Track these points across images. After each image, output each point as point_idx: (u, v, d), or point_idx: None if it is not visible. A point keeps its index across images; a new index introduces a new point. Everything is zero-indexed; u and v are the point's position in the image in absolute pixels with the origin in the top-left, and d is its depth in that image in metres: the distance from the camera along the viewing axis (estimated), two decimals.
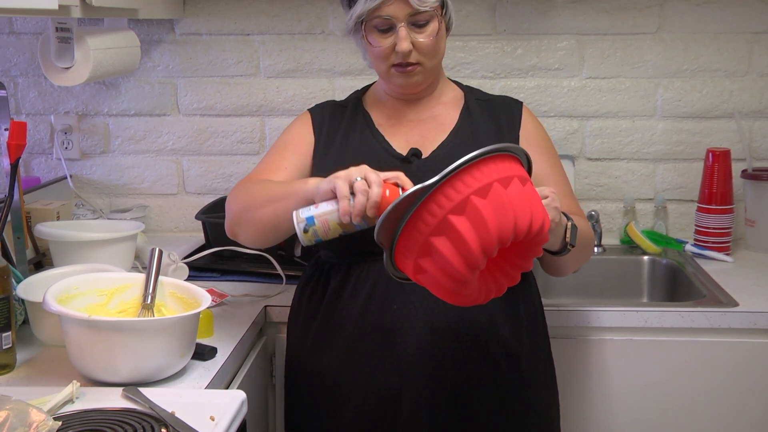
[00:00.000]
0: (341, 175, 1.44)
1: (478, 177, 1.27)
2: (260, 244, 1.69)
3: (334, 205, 1.43)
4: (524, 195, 1.30)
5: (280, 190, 1.59)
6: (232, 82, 2.50)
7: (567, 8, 2.40)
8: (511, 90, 2.43)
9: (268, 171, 1.73)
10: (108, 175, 2.57)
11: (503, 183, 1.28)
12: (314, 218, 1.43)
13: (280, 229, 1.58)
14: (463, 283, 1.30)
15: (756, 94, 2.40)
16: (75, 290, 1.56)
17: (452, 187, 1.26)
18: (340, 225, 1.43)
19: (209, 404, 1.36)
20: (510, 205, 1.27)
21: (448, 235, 1.26)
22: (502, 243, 1.28)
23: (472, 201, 1.25)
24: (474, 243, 1.25)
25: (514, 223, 1.27)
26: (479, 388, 1.63)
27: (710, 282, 2.09)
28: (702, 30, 2.39)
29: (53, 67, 2.00)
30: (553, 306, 1.90)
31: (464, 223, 1.25)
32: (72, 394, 1.35)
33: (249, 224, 1.63)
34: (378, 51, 1.64)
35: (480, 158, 1.27)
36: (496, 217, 1.25)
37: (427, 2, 1.60)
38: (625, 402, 1.94)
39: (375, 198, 1.39)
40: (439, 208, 1.26)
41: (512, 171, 1.31)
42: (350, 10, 1.65)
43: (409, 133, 1.73)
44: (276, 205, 1.56)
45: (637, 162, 2.46)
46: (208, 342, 1.65)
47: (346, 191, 1.41)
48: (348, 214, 1.40)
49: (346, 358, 1.65)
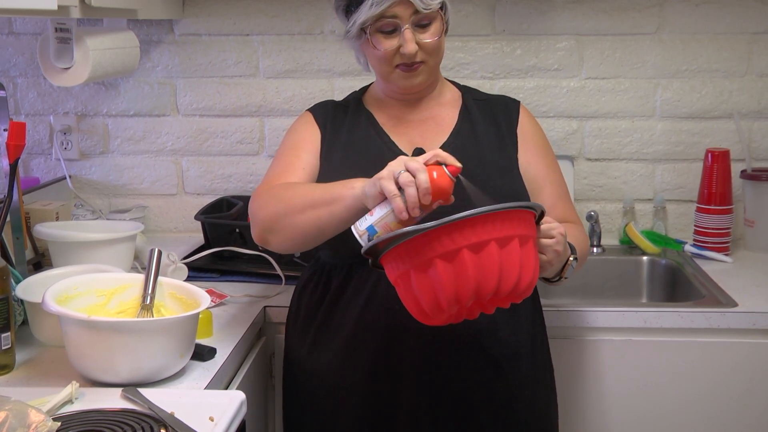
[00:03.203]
0: (384, 174, 1.40)
1: (478, 232, 1.27)
2: (296, 250, 1.67)
3: (388, 207, 1.40)
4: (517, 257, 1.30)
5: (320, 195, 1.54)
6: (232, 82, 2.50)
7: (566, 9, 2.40)
8: (511, 90, 2.43)
9: (286, 174, 1.69)
10: (107, 176, 2.57)
11: (500, 243, 1.28)
12: (374, 226, 1.42)
13: (324, 234, 1.55)
14: (431, 317, 1.34)
15: (755, 94, 2.40)
16: (74, 291, 1.56)
17: (449, 235, 1.27)
18: (400, 223, 1.40)
19: (208, 405, 1.35)
20: (498, 266, 1.28)
21: (429, 276, 1.29)
22: (480, 299, 1.31)
23: (462, 254, 1.27)
24: (450, 292, 1.28)
25: (497, 284, 1.29)
26: (479, 389, 1.63)
27: (709, 282, 2.09)
28: (701, 30, 2.39)
29: (52, 67, 2.00)
30: (552, 306, 1.90)
31: (449, 271, 1.28)
32: (71, 395, 1.35)
33: (285, 230, 1.58)
34: (382, 54, 1.63)
35: (489, 213, 1.27)
36: (480, 275, 1.27)
37: (431, 4, 1.60)
38: (625, 402, 1.94)
39: (425, 185, 1.36)
40: (431, 250, 1.28)
41: (515, 230, 1.31)
42: (352, 17, 1.63)
43: (411, 132, 1.73)
44: (319, 211, 1.52)
45: (637, 162, 2.46)
46: (207, 342, 1.65)
47: (394, 189, 1.38)
48: (404, 211, 1.37)
49: (345, 358, 1.65)
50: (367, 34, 1.63)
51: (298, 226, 1.55)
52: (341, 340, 1.66)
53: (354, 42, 1.69)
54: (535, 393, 1.70)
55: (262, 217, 1.61)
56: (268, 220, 1.59)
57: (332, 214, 1.49)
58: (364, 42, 1.66)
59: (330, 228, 1.51)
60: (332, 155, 1.71)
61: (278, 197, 1.60)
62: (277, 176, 1.68)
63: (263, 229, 1.61)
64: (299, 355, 1.74)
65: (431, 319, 1.35)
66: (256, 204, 1.64)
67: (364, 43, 1.66)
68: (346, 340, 1.65)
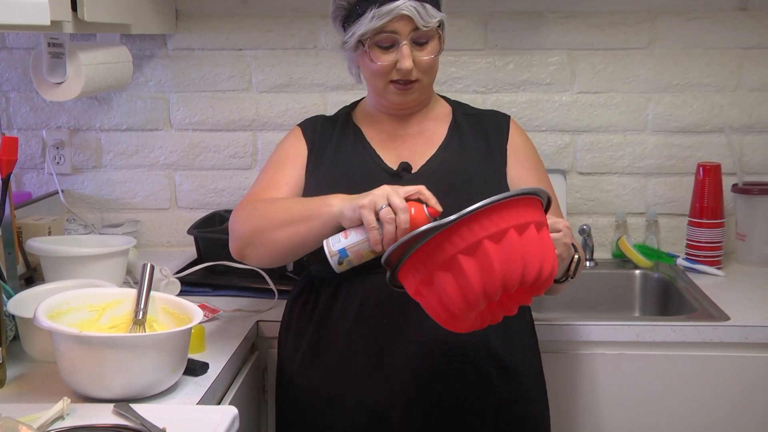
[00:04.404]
0: (366, 204, 1.43)
1: (495, 221, 1.26)
2: (273, 265, 1.68)
3: (363, 234, 1.44)
4: (537, 243, 1.29)
5: (299, 211, 1.56)
6: (225, 96, 2.50)
7: (558, 23, 2.41)
8: (503, 104, 2.44)
9: (269, 189, 1.71)
10: (100, 190, 2.57)
11: (519, 230, 1.28)
12: (346, 250, 1.45)
13: (301, 250, 1.58)
14: (459, 318, 1.32)
15: (746, 108, 2.42)
16: (66, 306, 1.56)
17: (468, 227, 1.26)
18: (372, 252, 1.45)
19: (201, 420, 1.35)
20: (521, 253, 1.27)
21: (453, 273, 1.27)
22: (507, 290, 1.29)
23: (484, 245, 1.26)
24: (477, 286, 1.26)
25: (522, 272, 1.27)
26: (471, 403, 1.62)
27: (702, 296, 2.09)
28: (692, 45, 2.40)
29: (45, 82, 2.00)
30: (545, 320, 1.90)
31: (472, 265, 1.26)
32: (62, 411, 1.35)
33: (264, 245, 1.60)
34: (378, 68, 1.64)
35: (502, 201, 1.27)
36: (504, 264, 1.26)
37: (430, 22, 1.61)
38: (617, 416, 1.94)
39: (404, 225, 1.40)
40: (452, 246, 1.26)
41: (530, 216, 1.30)
42: (350, 28, 1.64)
43: (400, 147, 1.74)
44: (297, 227, 1.55)
45: (629, 176, 2.47)
46: (199, 357, 1.65)
47: (373, 221, 1.42)
48: (379, 244, 1.42)
49: (336, 373, 1.65)
50: (365, 46, 1.63)
51: (275, 240, 1.58)
52: (332, 354, 1.66)
53: (350, 53, 1.70)
54: (528, 407, 1.70)
55: (242, 231, 1.63)
56: (247, 234, 1.62)
57: (310, 230, 1.52)
58: (360, 54, 1.67)
59: (307, 244, 1.53)
60: (318, 170, 1.72)
61: (257, 212, 1.63)
62: (259, 192, 1.71)
63: (242, 244, 1.63)
64: (291, 369, 1.73)
65: (459, 321, 1.32)
66: (236, 218, 1.67)
67: (361, 55, 1.66)
68: (337, 354, 1.65)
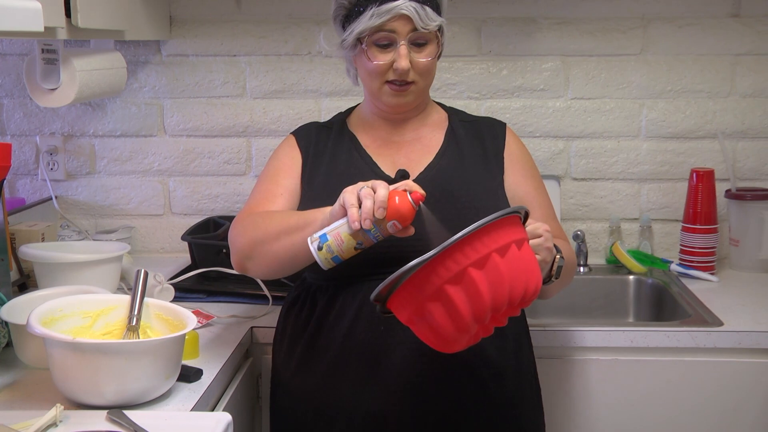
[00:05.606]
0: (348, 189, 1.45)
1: (477, 248, 1.28)
2: (273, 277, 1.68)
3: (344, 219, 1.44)
4: (520, 262, 1.31)
5: (295, 221, 1.57)
6: (219, 102, 2.50)
7: (552, 30, 2.42)
8: (497, 110, 2.44)
9: (265, 201, 1.72)
10: (94, 196, 2.57)
11: (500, 252, 1.29)
12: (327, 234, 1.45)
13: (298, 260, 1.58)
14: (452, 342, 1.34)
15: (739, 114, 2.43)
16: (59, 312, 1.55)
17: (452, 257, 1.27)
18: (352, 236, 1.43)
19: (195, 427, 1.35)
20: (506, 275, 1.29)
21: (443, 303, 1.29)
22: (496, 312, 1.31)
23: (469, 272, 1.27)
24: (467, 313, 1.28)
25: (509, 293, 1.29)
26: (465, 409, 1.62)
27: (695, 301, 2.09)
28: (685, 52, 2.41)
29: (39, 88, 2.00)
30: (539, 326, 1.90)
31: (460, 293, 1.28)
32: (55, 418, 1.34)
33: (263, 258, 1.61)
34: (375, 67, 1.65)
35: (482, 227, 1.28)
36: (491, 288, 1.28)
37: (430, 24, 1.62)
38: (611, 422, 1.94)
39: (381, 198, 1.40)
40: (438, 277, 1.28)
41: (509, 236, 1.31)
42: (350, 26, 1.65)
43: (396, 154, 1.74)
44: (293, 237, 1.55)
45: (622, 182, 2.48)
46: (193, 364, 1.64)
47: (353, 200, 1.42)
48: (356, 221, 1.40)
49: (331, 379, 1.65)
50: (363, 45, 1.64)
51: (273, 252, 1.59)
52: (327, 361, 1.65)
53: (348, 53, 1.70)
54: (522, 412, 1.70)
55: (240, 244, 1.64)
56: (246, 247, 1.63)
57: (304, 239, 1.51)
58: (358, 53, 1.67)
59: (303, 253, 1.52)
60: (314, 179, 1.72)
61: (255, 225, 1.63)
62: (256, 204, 1.72)
63: (241, 257, 1.65)
64: (286, 375, 1.73)
65: (453, 345, 1.35)
66: (235, 231, 1.67)
67: (358, 54, 1.67)
68: (332, 361, 1.65)
